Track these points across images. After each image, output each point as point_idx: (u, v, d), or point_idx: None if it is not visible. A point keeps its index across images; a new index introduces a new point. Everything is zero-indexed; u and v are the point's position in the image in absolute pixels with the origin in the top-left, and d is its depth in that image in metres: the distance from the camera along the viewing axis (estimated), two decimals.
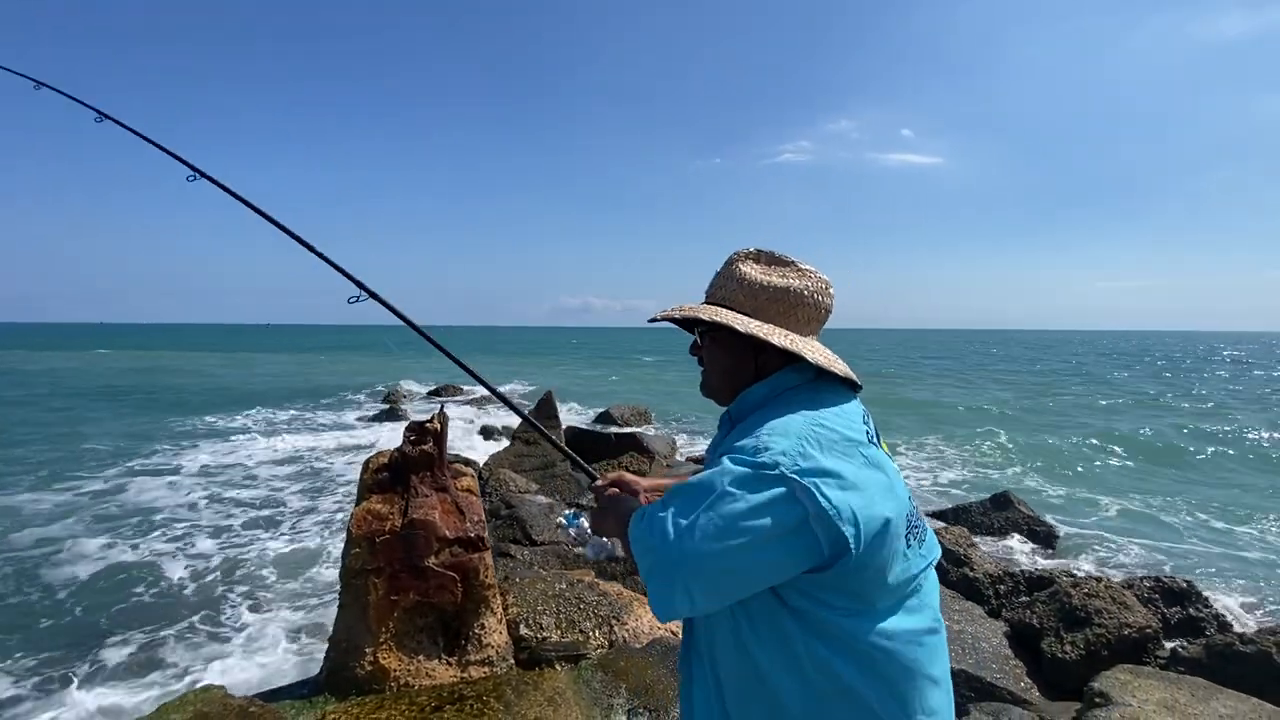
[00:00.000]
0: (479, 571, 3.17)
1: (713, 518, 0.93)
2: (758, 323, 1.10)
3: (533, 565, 5.35)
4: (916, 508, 1.09)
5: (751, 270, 1.15)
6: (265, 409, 19.92)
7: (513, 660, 3.22)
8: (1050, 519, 8.39)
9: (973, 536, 6.68)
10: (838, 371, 1.10)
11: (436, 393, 23.99)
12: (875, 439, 1.08)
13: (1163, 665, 4.15)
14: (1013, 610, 4.93)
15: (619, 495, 1.37)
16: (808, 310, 1.14)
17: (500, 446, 11.29)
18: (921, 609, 1.03)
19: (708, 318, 1.11)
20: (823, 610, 0.97)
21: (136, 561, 6.99)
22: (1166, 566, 7.11)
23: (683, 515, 0.96)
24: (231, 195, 2.23)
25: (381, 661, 2.96)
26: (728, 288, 1.16)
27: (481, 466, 8.59)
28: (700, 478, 1.00)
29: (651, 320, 1.21)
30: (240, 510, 8.99)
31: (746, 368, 1.13)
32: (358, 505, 3.15)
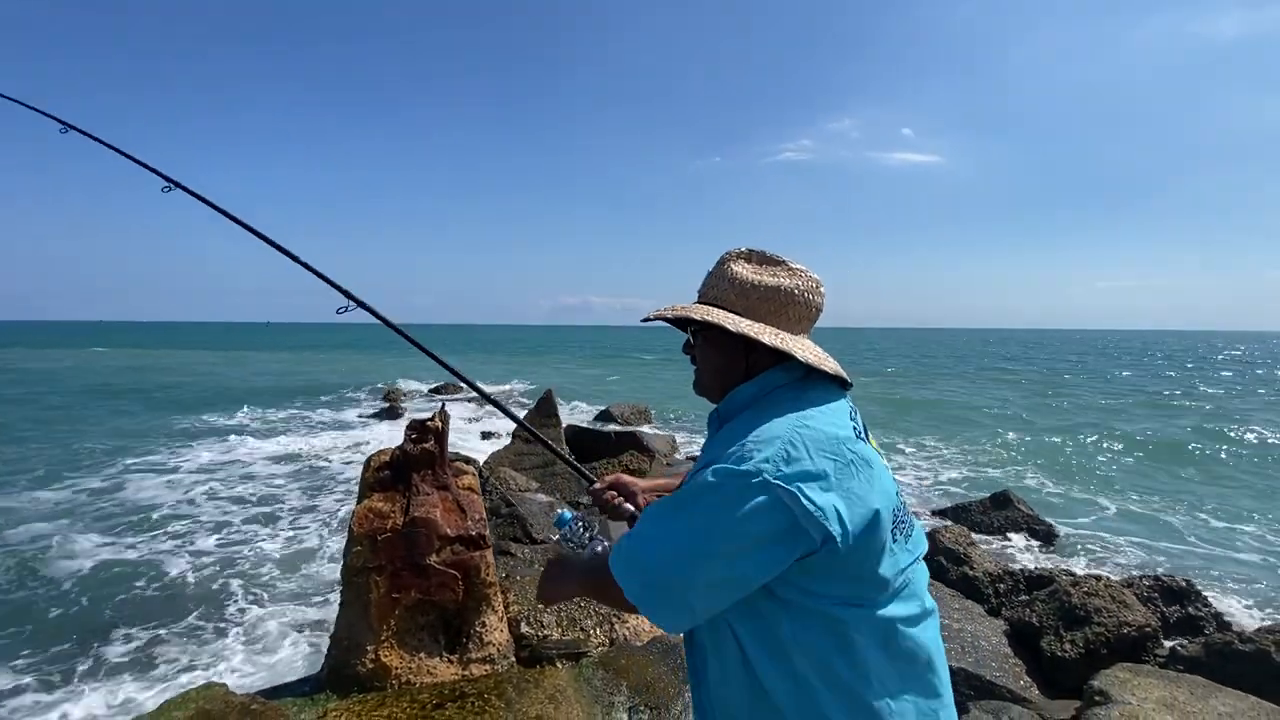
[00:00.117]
0: (480, 569, 3.17)
1: (700, 528, 0.95)
2: (748, 322, 1.11)
3: (533, 564, 5.35)
4: (904, 503, 1.10)
5: (743, 270, 1.16)
6: (264, 407, 19.91)
7: (514, 658, 3.22)
8: (1050, 518, 8.39)
9: (972, 535, 6.69)
10: (828, 370, 1.11)
11: (437, 391, 23.99)
12: (864, 435, 1.10)
13: (1162, 664, 4.15)
14: (1012, 609, 4.94)
15: (621, 506, 1.43)
16: (798, 309, 1.15)
17: (500, 445, 11.30)
18: (910, 598, 1.05)
19: (699, 317, 1.12)
20: (810, 600, 0.98)
21: (136, 559, 7.00)
22: (1166, 566, 7.13)
23: (671, 530, 0.98)
24: (210, 206, 2.19)
25: (383, 659, 2.96)
26: (719, 287, 1.17)
27: (481, 465, 8.59)
28: (685, 490, 1.02)
29: (645, 320, 1.22)
30: (240, 508, 9.00)
31: (738, 366, 1.15)
32: (359, 503, 3.16)
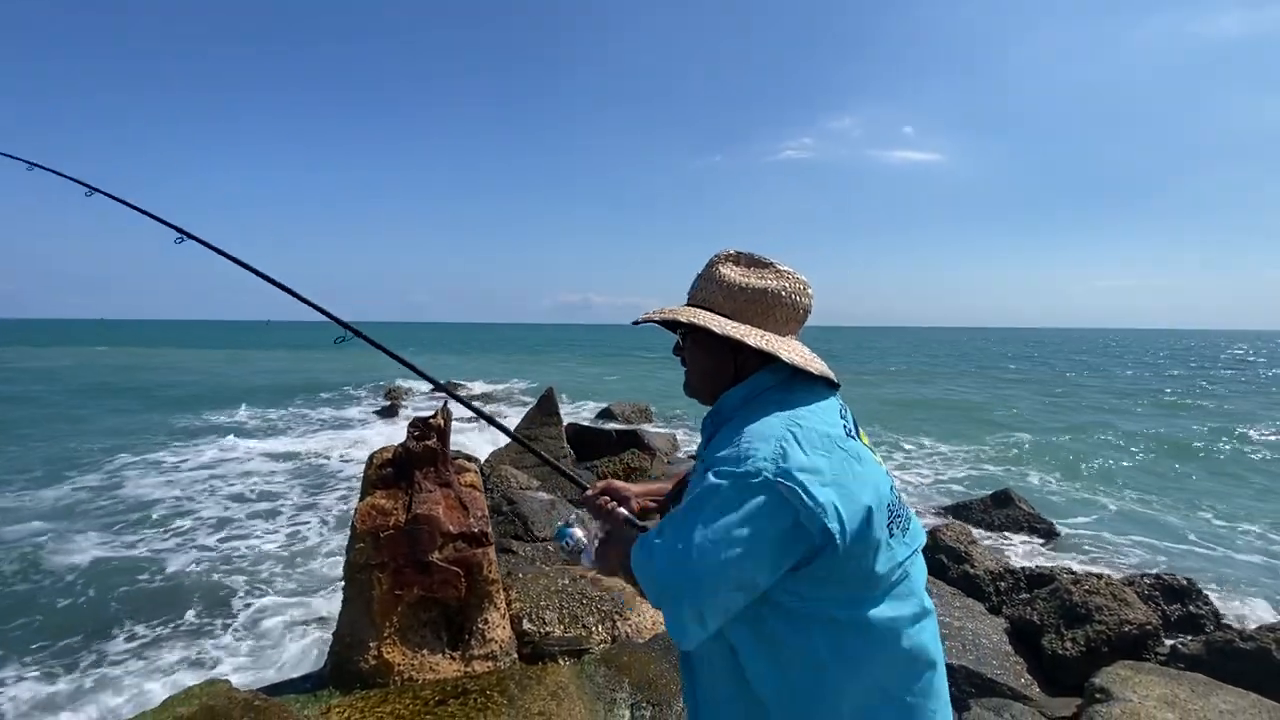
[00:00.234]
0: (483, 566, 3.18)
1: (709, 536, 0.95)
2: (734, 324, 1.12)
3: (535, 561, 5.36)
4: (899, 497, 1.11)
5: (731, 272, 1.17)
6: (265, 405, 19.92)
7: (516, 655, 3.23)
8: (1051, 516, 8.39)
9: (973, 533, 6.69)
10: (814, 370, 1.12)
11: (441, 388, 23.98)
12: (854, 432, 1.10)
13: (1163, 661, 4.16)
14: (1013, 607, 4.94)
15: (615, 513, 1.39)
16: (785, 310, 1.16)
17: (502, 443, 11.31)
18: (909, 595, 1.05)
19: (686, 319, 1.14)
20: (809, 604, 0.99)
21: (137, 557, 7.01)
22: (1167, 564, 7.13)
23: (680, 539, 0.98)
24: (220, 254, 2.32)
25: (385, 656, 2.97)
26: (708, 289, 1.19)
27: (482, 463, 8.60)
28: (689, 500, 1.03)
29: (635, 322, 1.23)
30: (241, 505, 9.01)
31: (726, 368, 1.16)
32: (362, 500, 3.16)
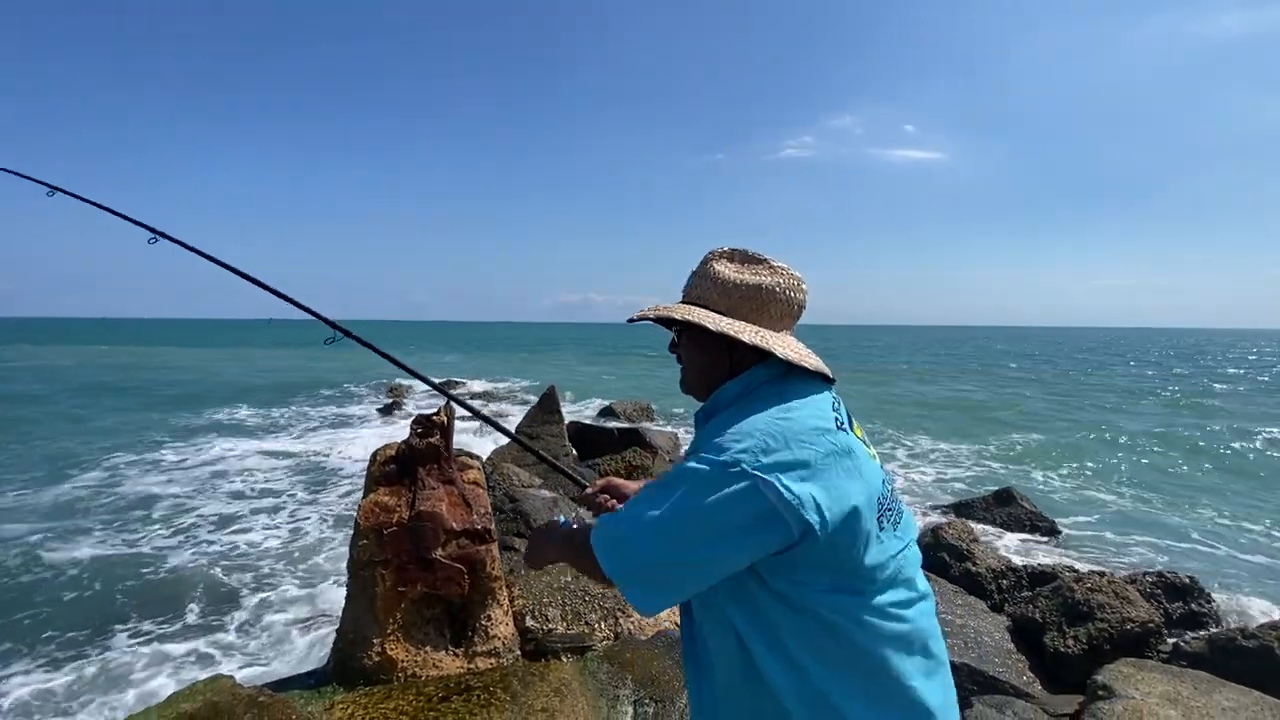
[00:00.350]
0: (486, 564, 3.18)
1: (680, 511, 0.98)
2: (728, 320, 1.13)
3: None
4: (892, 490, 1.12)
5: (725, 269, 1.18)
6: (267, 404, 19.95)
7: (519, 652, 3.24)
8: (1053, 515, 8.40)
9: (975, 531, 6.69)
10: (809, 366, 1.13)
11: (443, 387, 24.01)
12: (847, 426, 1.11)
13: (1165, 659, 4.16)
14: (1015, 605, 4.95)
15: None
16: (780, 306, 1.17)
17: (504, 441, 11.32)
18: (903, 584, 1.06)
19: (680, 317, 1.14)
20: (802, 589, 1.00)
21: (140, 554, 7.03)
22: (1169, 563, 7.12)
23: (653, 508, 1.00)
24: (196, 252, 2.27)
25: (389, 652, 2.97)
26: (702, 286, 1.20)
27: (484, 461, 8.61)
28: (664, 477, 1.04)
29: (630, 320, 1.24)
30: (243, 503, 9.03)
31: (721, 365, 1.17)
32: (365, 497, 3.17)
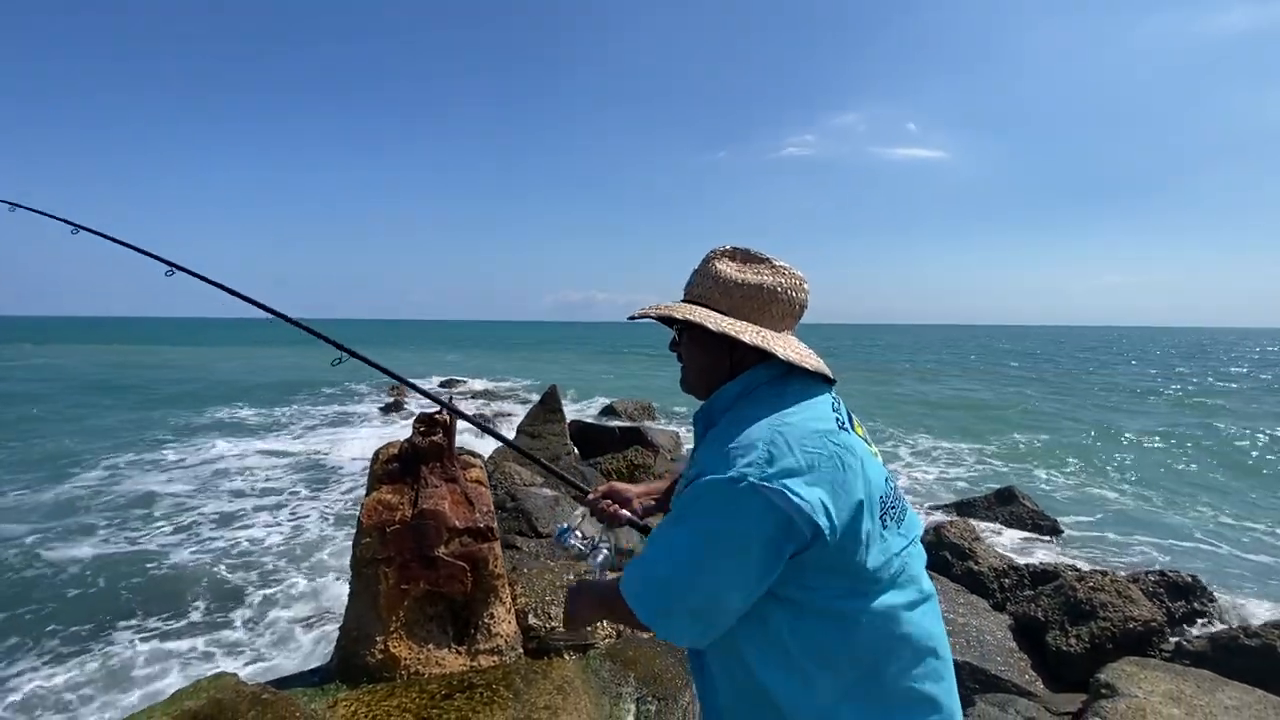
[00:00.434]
0: (488, 561, 3.18)
1: (697, 544, 0.98)
2: (729, 320, 1.13)
3: (539, 556, 5.37)
4: (895, 488, 1.11)
5: (727, 268, 1.18)
6: (269, 402, 19.98)
7: (521, 649, 3.24)
8: (1055, 514, 8.39)
9: (977, 530, 6.69)
10: (809, 366, 1.12)
11: (444, 386, 24.05)
12: (848, 426, 1.11)
13: (1168, 658, 4.16)
14: (1017, 604, 4.95)
15: (617, 514, 1.47)
16: (781, 306, 1.16)
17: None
18: (908, 583, 1.06)
19: (680, 316, 1.14)
20: (807, 595, 1.00)
21: (143, 553, 7.04)
22: (1172, 562, 7.12)
23: (668, 552, 1.00)
24: (211, 284, 2.37)
25: (392, 650, 2.98)
26: (704, 285, 1.19)
27: (486, 459, 8.61)
28: (677, 509, 1.04)
29: (631, 318, 1.24)
30: (244, 501, 9.05)
31: (722, 364, 1.17)
32: (368, 495, 3.17)
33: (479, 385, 24.84)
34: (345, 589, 3.19)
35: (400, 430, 14.91)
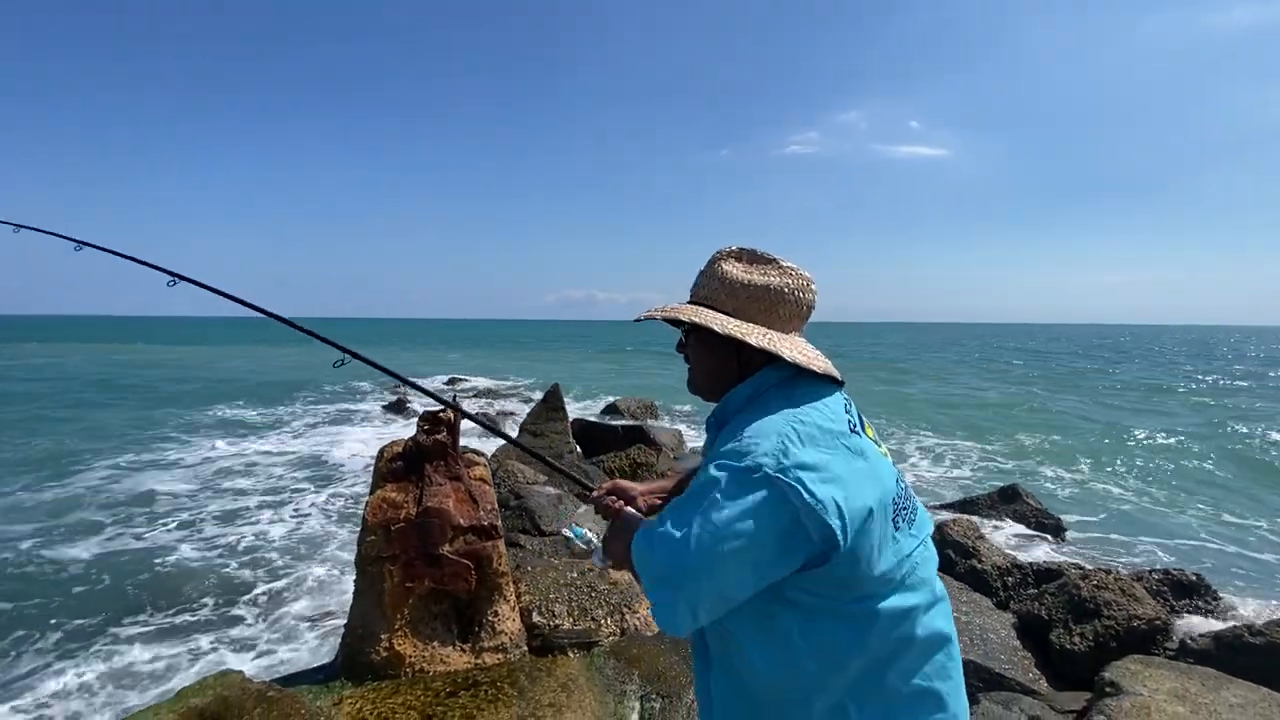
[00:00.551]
0: (492, 559, 3.19)
1: (707, 527, 0.96)
2: (736, 322, 1.12)
3: (542, 555, 5.38)
4: (906, 489, 1.11)
5: (733, 269, 1.17)
6: (272, 401, 20.00)
7: (526, 647, 3.24)
8: (1059, 512, 8.38)
9: (981, 529, 6.68)
10: (817, 369, 1.11)
11: (448, 384, 24.08)
12: (859, 428, 1.10)
13: (1172, 656, 4.15)
14: (1021, 602, 4.94)
15: (623, 512, 1.41)
16: (789, 308, 1.15)
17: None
18: (919, 584, 1.05)
19: (687, 318, 1.13)
20: (818, 599, 0.99)
21: (147, 552, 7.05)
22: (1176, 560, 7.11)
23: (679, 528, 0.99)
24: (215, 292, 2.38)
25: (397, 648, 2.99)
26: (710, 286, 1.18)
27: (489, 458, 8.62)
28: (690, 491, 1.04)
29: (637, 319, 1.23)
30: (248, 500, 9.06)
31: (729, 366, 1.16)
32: (373, 493, 3.18)
33: (481, 384, 24.87)
34: (350, 587, 3.19)
35: (403, 429, 14.93)
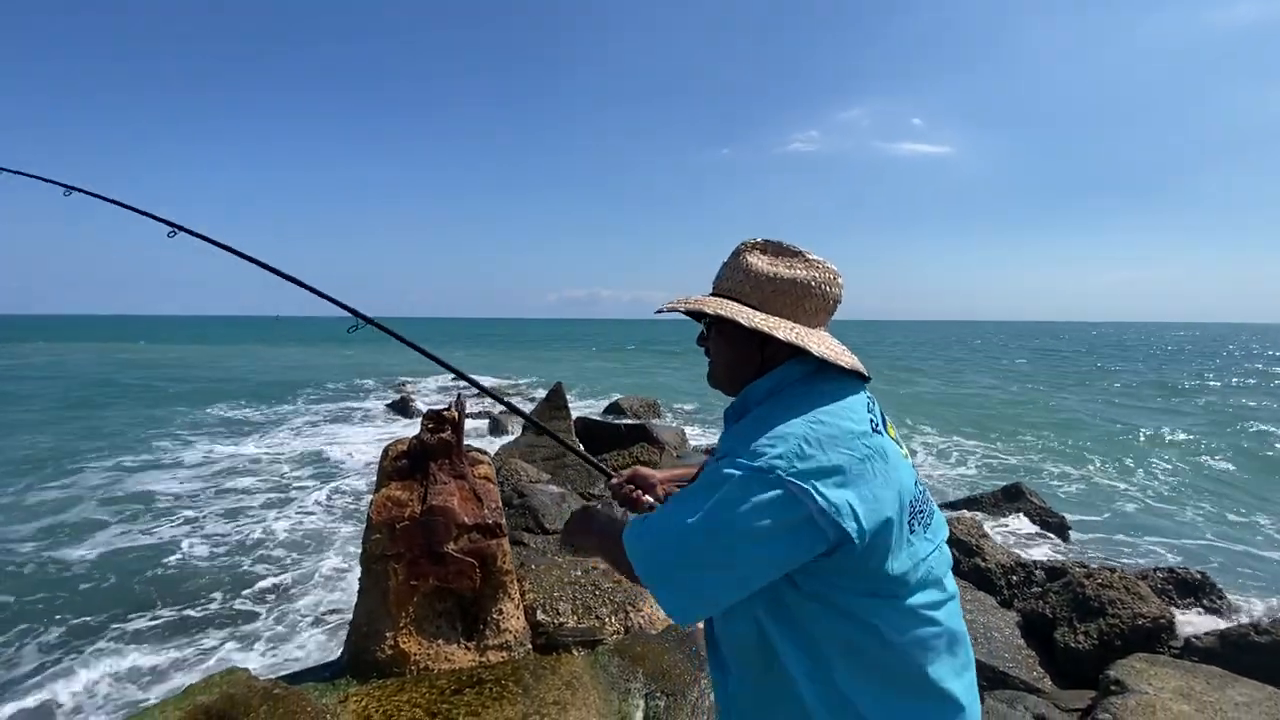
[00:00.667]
0: (497, 558, 3.19)
1: (711, 519, 0.95)
2: (762, 316, 1.09)
3: (546, 553, 5.39)
4: (924, 491, 1.10)
5: (759, 261, 1.14)
6: (275, 400, 20.06)
7: (530, 645, 3.25)
8: (1063, 510, 8.37)
9: (985, 527, 6.67)
10: (844, 364, 1.09)
11: (452, 382, 24.10)
12: (881, 427, 1.08)
13: (1176, 655, 4.14)
14: (1025, 600, 4.93)
15: (640, 499, 1.44)
16: (815, 301, 1.13)
17: (510, 438, 11.36)
18: (932, 584, 1.05)
19: (712, 311, 1.11)
20: (834, 593, 0.99)
21: (151, 549, 7.09)
22: (1181, 559, 7.09)
23: (684, 517, 0.98)
24: (215, 245, 2.25)
25: (402, 645, 2.99)
26: (734, 279, 1.15)
27: (493, 456, 8.63)
28: (699, 482, 1.02)
29: (659, 311, 1.21)
30: (252, 498, 9.10)
31: (752, 360, 1.13)
32: (377, 492, 3.18)
33: (485, 382, 24.82)
34: (355, 585, 3.20)
35: (407, 428, 14.96)
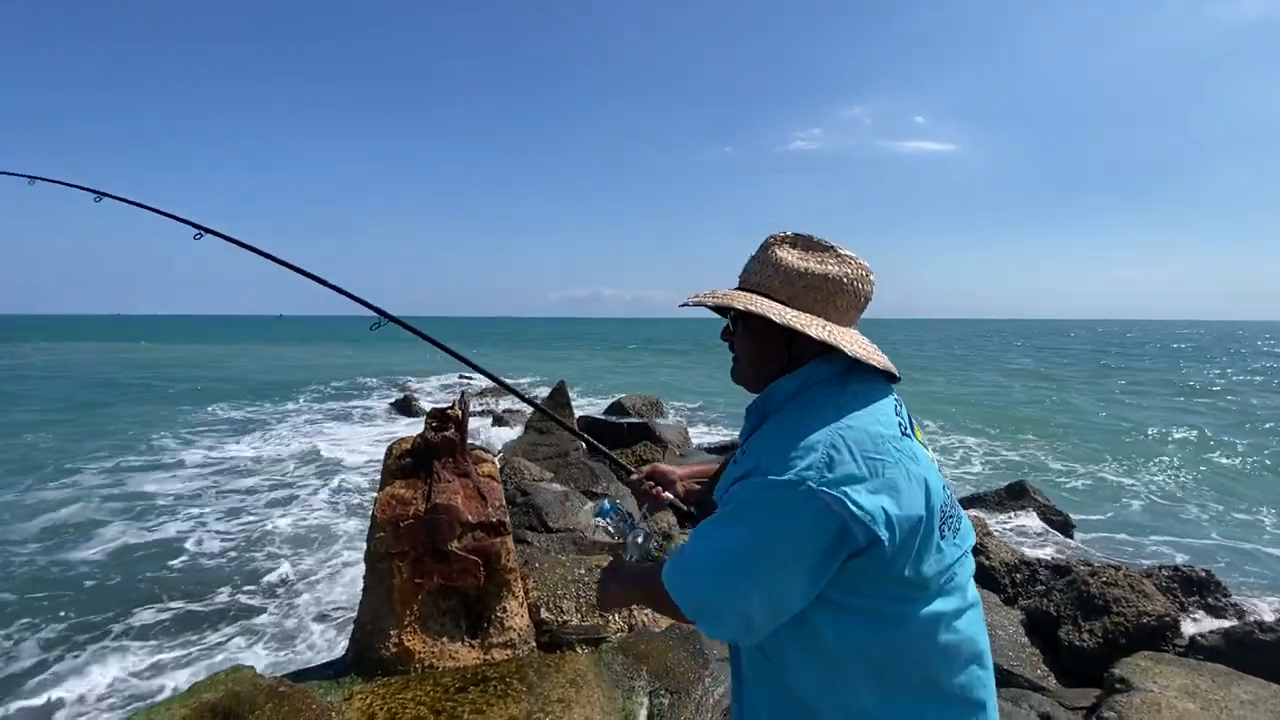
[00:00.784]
0: (501, 556, 3.20)
1: (749, 546, 0.94)
2: (794, 312, 1.06)
3: (550, 551, 5.40)
4: (951, 496, 1.08)
5: (789, 256, 1.10)
6: (278, 399, 20.11)
7: (534, 643, 3.25)
8: (1067, 509, 8.36)
9: (989, 525, 6.66)
10: (876, 364, 1.07)
11: (455, 380, 24.14)
12: (909, 430, 1.06)
13: (1181, 653, 4.13)
14: (1029, 599, 4.93)
15: (660, 496, 1.46)
16: (847, 298, 1.09)
17: (511, 437, 11.37)
18: (955, 591, 1.03)
19: (741, 306, 1.06)
20: (855, 599, 0.97)
21: (156, 548, 7.11)
22: (1185, 557, 7.07)
23: (719, 548, 0.97)
24: (241, 245, 2.31)
25: (406, 644, 3.00)
26: (763, 273, 1.11)
27: (496, 454, 8.64)
28: (729, 507, 1.00)
29: (683, 305, 1.16)
30: (254, 498, 9.12)
31: (778, 357, 1.10)
32: (381, 490, 3.19)
33: (488, 381, 24.92)
34: (359, 583, 3.21)
35: (410, 426, 14.97)
